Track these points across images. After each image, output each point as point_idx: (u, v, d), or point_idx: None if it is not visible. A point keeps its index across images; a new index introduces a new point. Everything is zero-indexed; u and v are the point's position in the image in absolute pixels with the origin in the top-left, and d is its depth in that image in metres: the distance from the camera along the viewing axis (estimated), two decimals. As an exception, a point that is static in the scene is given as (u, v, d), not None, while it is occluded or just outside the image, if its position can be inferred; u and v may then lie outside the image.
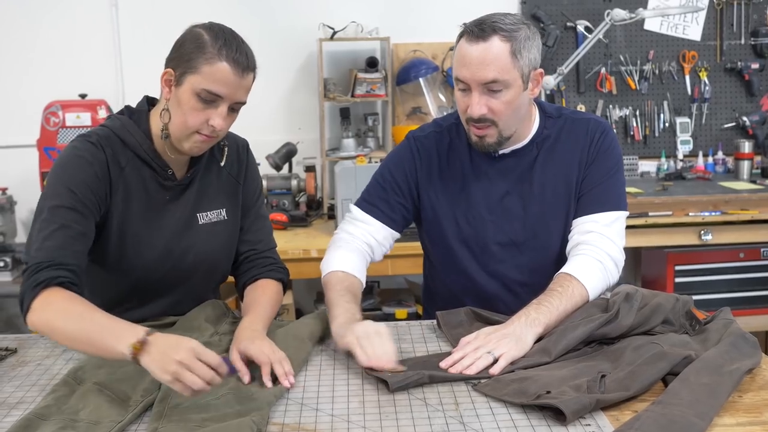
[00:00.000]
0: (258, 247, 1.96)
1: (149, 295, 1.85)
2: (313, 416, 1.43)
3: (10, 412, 1.47)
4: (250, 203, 1.97)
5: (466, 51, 1.84)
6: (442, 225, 2.04)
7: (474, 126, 1.90)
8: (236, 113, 1.75)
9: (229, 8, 3.91)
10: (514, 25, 1.84)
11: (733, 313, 1.78)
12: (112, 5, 3.94)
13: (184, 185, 1.84)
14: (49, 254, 1.61)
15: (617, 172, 2.02)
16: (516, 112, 1.90)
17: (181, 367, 1.36)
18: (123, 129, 1.77)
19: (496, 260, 2.02)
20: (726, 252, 3.69)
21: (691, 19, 4.19)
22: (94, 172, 1.71)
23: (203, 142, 1.72)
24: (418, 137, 2.09)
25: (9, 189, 3.73)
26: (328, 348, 1.78)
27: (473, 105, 1.86)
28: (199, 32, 1.69)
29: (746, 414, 1.41)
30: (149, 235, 1.79)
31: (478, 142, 1.94)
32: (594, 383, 1.45)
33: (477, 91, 1.85)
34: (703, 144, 4.27)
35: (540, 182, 1.99)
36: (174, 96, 1.70)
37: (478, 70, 1.82)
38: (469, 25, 1.86)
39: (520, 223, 2.00)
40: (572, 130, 2.02)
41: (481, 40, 1.82)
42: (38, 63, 3.93)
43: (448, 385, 1.54)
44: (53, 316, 1.54)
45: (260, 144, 3.49)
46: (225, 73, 1.65)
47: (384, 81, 3.85)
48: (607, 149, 2.01)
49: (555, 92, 4.14)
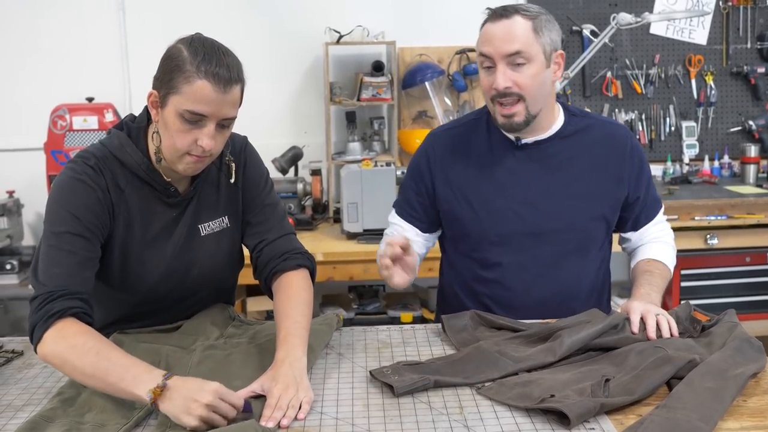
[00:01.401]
0: (269, 236, 1.84)
1: (155, 310, 1.82)
2: (318, 419, 1.43)
3: (16, 414, 1.48)
4: (252, 196, 1.86)
5: (490, 28, 1.92)
6: (459, 215, 2.06)
7: (500, 104, 1.93)
8: (228, 129, 1.66)
9: (236, 13, 3.92)
10: (534, 10, 1.94)
11: (738, 317, 1.77)
12: (119, 9, 3.95)
13: (187, 200, 1.78)
14: (60, 282, 1.57)
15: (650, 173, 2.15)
16: (540, 89, 1.94)
17: (208, 411, 1.36)
18: (121, 149, 1.70)
19: (515, 250, 2.03)
20: (732, 256, 3.69)
21: (697, 23, 4.19)
22: (96, 197, 1.65)
23: (196, 162, 1.65)
24: (434, 134, 2.16)
25: (16, 192, 3.75)
26: (334, 351, 1.78)
27: (498, 78, 1.90)
28: (178, 49, 1.60)
29: (751, 418, 1.40)
30: (152, 255, 1.75)
31: (505, 123, 1.96)
32: (598, 387, 1.45)
33: (502, 64, 1.90)
34: (709, 148, 4.26)
35: (565, 176, 2.02)
36: (161, 118, 1.63)
37: (501, 44, 1.89)
38: (492, 8, 1.95)
39: (540, 215, 2.01)
40: (602, 132, 2.07)
41: (504, 18, 1.90)
42: (46, 66, 3.95)
43: (453, 389, 1.54)
44: (67, 350, 1.49)
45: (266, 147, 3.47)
46: (205, 91, 1.56)
47: (390, 85, 3.85)
48: (642, 158, 2.10)
49: (561, 96, 4.14)
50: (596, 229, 2.06)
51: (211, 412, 1.36)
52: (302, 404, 1.46)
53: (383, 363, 1.67)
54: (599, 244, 2.09)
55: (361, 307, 3.71)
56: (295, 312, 1.69)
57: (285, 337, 1.62)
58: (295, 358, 1.56)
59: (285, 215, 1.92)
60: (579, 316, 1.78)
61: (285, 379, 1.49)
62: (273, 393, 1.46)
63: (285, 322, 1.67)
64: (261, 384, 1.50)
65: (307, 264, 1.84)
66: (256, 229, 1.86)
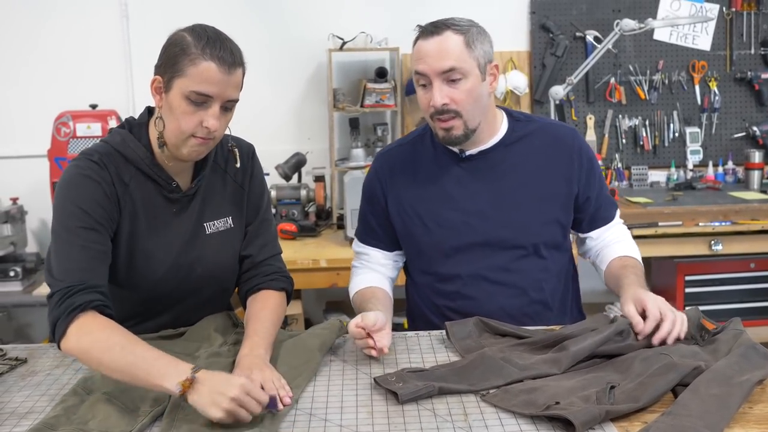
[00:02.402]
0: (261, 254, 1.91)
1: (159, 308, 1.84)
2: (322, 426, 1.43)
3: (19, 422, 1.47)
4: (255, 208, 1.93)
5: (422, 46, 1.92)
6: (412, 231, 2.07)
7: (439, 120, 1.93)
8: (230, 112, 1.72)
9: (240, 19, 3.94)
10: (466, 23, 1.93)
11: (743, 323, 1.77)
12: (122, 16, 3.96)
13: (189, 196, 1.82)
14: (78, 276, 1.60)
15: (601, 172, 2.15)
16: (477, 102, 1.94)
17: (235, 405, 1.38)
18: (123, 144, 1.75)
19: (470, 260, 2.03)
20: (736, 262, 3.68)
21: (701, 29, 4.19)
22: (103, 191, 1.69)
23: (200, 145, 1.69)
24: (381, 154, 2.18)
25: (20, 199, 3.76)
26: (338, 358, 1.77)
27: (435, 95, 1.90)
28: (182, 35, 1.67)
29: (757, 425, 1.40)
30: (158, 250, 1.78)
31: (445, 136, 1.96)
32: (603, 394, 1.45)
33: (437, 82, 1.90)
34: (713, 154, 4.26)
35: (512, 183, 2.03)
36: (165, 102, 1.68)
37: (435, 61, 1.89)
38: (423, 25, 1.95)
39: (491, 223, 2.01)
40: (548, 135, 2.07)
41: (435, 34, 1.90)
42: (49, 73, 3.96)
43: (457, 396, 1.54)
44: (93, 345, 1.53)
45: (269, 154, 3.49)
46: (211, 72, 1.62)
47: (393, 91, 3.85)
48: (591, 157, 2.11)
49: (564, 102, 4.13)
50: (549, 232, 2.06)
51: (237, 406, 1.38)
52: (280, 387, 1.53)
53: (387, 370, 1.66)
54: (557, 246, 2.08)
55: (365, 314, 3.70)
56: (266, 320, 1.77)
57: (251, 336, 1.69)
58: (257, 354, 1.62)
59: (276, 234, 2.02)
60: (584, 322, 1.78)
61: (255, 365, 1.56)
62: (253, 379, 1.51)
63: (254, 324, 1.74)
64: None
65: (288, 289, 1.92)
66: (252, 242, 1.92)
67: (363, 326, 1.73)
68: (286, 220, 3.66)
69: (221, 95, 1.65)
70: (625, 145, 4.22)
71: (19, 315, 3.92)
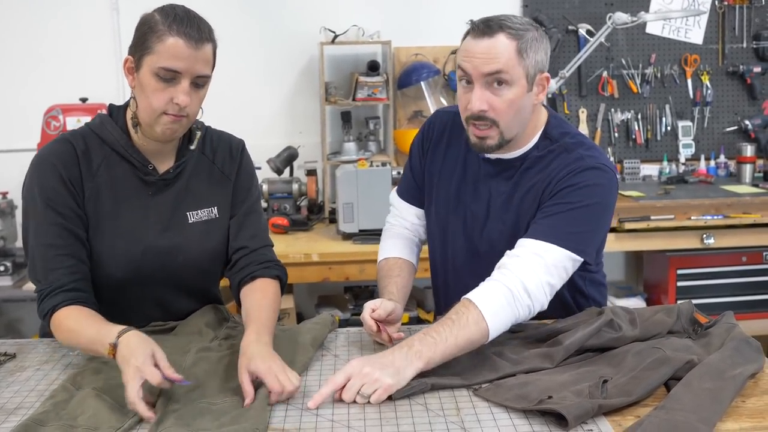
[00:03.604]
0: (251, 244, 1.89)
1: (142, 293, 1.83)
2: (313, 421, 1.42)
3: (8, 418, 1.46)
4: (242, 198, 1.91)
5: (471, 45, 1.78)
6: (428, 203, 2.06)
7: (474, 126, 1.82)
8: (202, 89, 1.72)
9: (231, 13, 3.92)
10: (521, 26, 1.78)
11: (735, 317, 1.77)
12: (113, 9, 3.94)
13: (168, 180, 1.82)
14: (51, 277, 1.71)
15: (585, 209, 1.78)
16: (518, 114, 1.80)
17: (135, 373, 1.44)
18: (101, 126, 1.79)
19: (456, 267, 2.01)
20: (728, 256, 3.69)
21: (693, 22, 4.19)
22: (59, 174, 1.74)
23: (173, 122, 1.69)
24: (438, 112, 2.12)
25: (9, 193, 3.73)
26: (329, 353, 1.77)
27: (474, 99, 1.77)
28: (150, 14, 1.69)
29: (749, 419, 1.40)
30: (131, 231, 1.79)
31: (476, 143, 1.84)
32: (596, 388, 1.45)
33: (479, 84, 1.77)
34: (705, 147, 4.26)
35: (508, 200, 1.90)
36: (137, 82, 1.70)
37: (481, 63, 1.75)
38: (475, 22, 1.81)
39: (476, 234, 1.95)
40: (559, 156, 1.85)
41: (487, 36, 1.75)
42: (39, 67, 3.94)
43: (450, 391, 1.53)
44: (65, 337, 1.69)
45: (261, 148, 3.49)
46: (178, 47, 1.63)
47: (385, 84, 3.84)
48: (580, 185, 1.79)
49: (557, 96, 4.13)
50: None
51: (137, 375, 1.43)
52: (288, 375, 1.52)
53: (379, 364, 1.65)
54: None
55: (357, 308, 3.70)
56: (269, 308, 1.76)
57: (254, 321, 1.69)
58: (265, 342, 1.61)
59: (267, 226, 2.02)
60: (576, 316, 1.77)
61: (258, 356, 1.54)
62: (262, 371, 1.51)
63: (257, 312, 1.73)
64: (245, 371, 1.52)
65: (283, 278, 1.90)
66: (241, 232, 1.90)
67: (377, 317, 1.76)
68: (278, 214, 3.65)
69: (190, 70, 1.66)
70: (617, 139, 4.22)
71: (9, 310, 3.89)
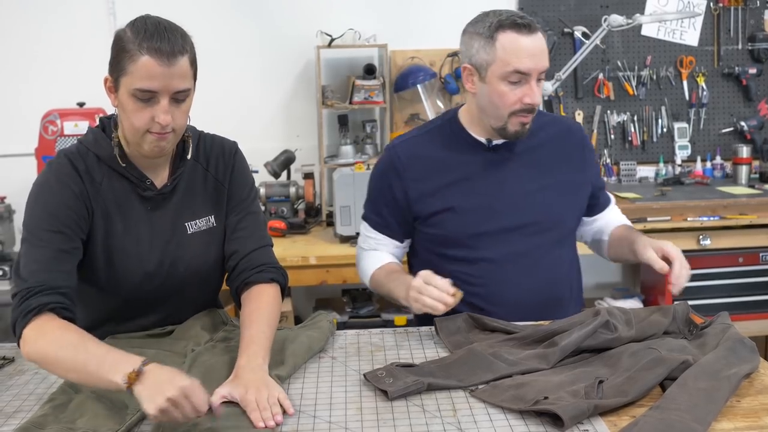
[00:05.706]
0: (247, 246, 1.84)
1: (143, 308, 1.82)
2: (311, 423, 1.43)
3: (7, 422, 1.47)
4: (237, 200, 1.87)
5: (522, 43, 1.90)
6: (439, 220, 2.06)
7: (522, 116, 1.96)
8: (184, 103, 1.66)
9: (227, 17, 3.92)
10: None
11: (731, 317, 1.78)
12: (109, 14, 3.94)
13: (165, 194, 1.78)
14: (39, 277, 1.59)
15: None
16: None
17: (170, 404, 1.33)
18: (95, 143, 1.74)
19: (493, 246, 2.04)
20: (725, 257, 3.69)
21: (689, 24, 4.20)
22: (71, 192, 1.68)
23: (159, 140, 1.65)
24: (395, 146, 2.14)
25: (7, 198, 3.73)
26: (327, 355, 1.77)
27: (536, 94, 1.93)
28: (123, 31, 1.63)
29: (744, 419, 1.40)
30: (135, 249, 1.75)
31: (519, 131, 1.99)
32: (592, 389, 1.45)
33: (534, 80, 1.92)
34: (701, 149, 4.27)
35: (536, 171, 2.07)
36: (118, 101, 1.66)
37: (540, 60, 1.91)
38: (505, 18, 1.91)
39: (518, 210, 2.04)
40: (558, 127, 2.15)
41: (531, 32, 1.90)
42: (36, 72, 3.93)
43: (446, 392, 1.54)
44: (47, 347, 1.51)
45: (258, 151, 3.50)
46: (150, 66, 1.57)
47: (382, 88, 3.85)
48: (592, 147, 2.26)
49: (553, 98, 4.14)
50: (571, 217, 2.13)
51: (171, 406, 1.33)
52: (281, 400, 1.47)
53: (377, 366, 1.66)
54: (572, 233, 2.17)
55: (355, 311, 3.70)
56: (261, 322, 1.69)
57: (248, 344, 1.62)
58: (256, 365, 1.56)
59: (265, 226, 1.95)
60: (573, 317, 1.78)
61: (252, 383, 1.49)
62: (248, 398, 1.45)
63: (250, 329, 1.67)
64: (228, 390, 1.49)
65: (280, 280, 1.85)
66: (236, 235, 1.86)
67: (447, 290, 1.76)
68: (276, 218, 3.65)
69: (166, 88, 1.60)
70: (613, 141, 4.23)
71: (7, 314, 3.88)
